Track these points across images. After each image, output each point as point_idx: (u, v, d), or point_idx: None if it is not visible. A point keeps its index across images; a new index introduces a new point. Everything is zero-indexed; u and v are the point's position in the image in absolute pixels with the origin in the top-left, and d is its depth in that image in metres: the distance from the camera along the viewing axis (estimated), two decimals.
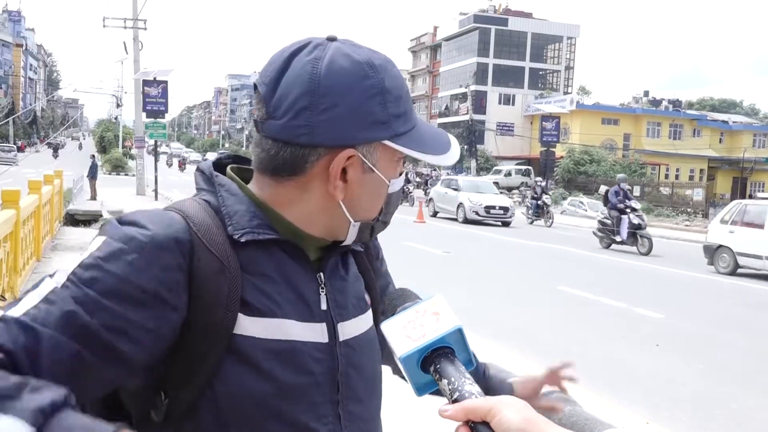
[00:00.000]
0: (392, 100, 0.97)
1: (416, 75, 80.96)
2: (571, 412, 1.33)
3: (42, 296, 0.83)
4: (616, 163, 46.34)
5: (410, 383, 0.84)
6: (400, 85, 1.00)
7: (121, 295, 0.85)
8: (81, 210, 17.10)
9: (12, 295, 7.11)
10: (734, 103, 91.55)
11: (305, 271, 1.02)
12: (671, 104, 66.44)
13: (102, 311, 0.83)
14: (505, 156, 58.65)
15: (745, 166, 53.32)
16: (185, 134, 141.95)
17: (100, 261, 0.86)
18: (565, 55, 69.18)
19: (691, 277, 12.99)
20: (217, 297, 0.92)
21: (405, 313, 0.86)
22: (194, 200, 1.00)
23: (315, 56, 0.95)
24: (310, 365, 0.98)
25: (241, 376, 0.93)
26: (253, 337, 0.94)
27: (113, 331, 0.84)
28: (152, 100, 26.34)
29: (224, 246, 0.94)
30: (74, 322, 0.82)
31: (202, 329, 0.91)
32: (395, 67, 1.02)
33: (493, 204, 22.67)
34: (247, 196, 1.01)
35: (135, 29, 28.25)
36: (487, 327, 7.61)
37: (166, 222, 0.92)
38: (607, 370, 6.42)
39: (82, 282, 0.84)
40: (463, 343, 0.85)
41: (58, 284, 0.84)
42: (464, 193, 23.35)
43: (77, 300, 0.83)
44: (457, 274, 11.76)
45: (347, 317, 1.05)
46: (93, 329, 0.82)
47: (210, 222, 0.96)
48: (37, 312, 0.81)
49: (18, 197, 7.67)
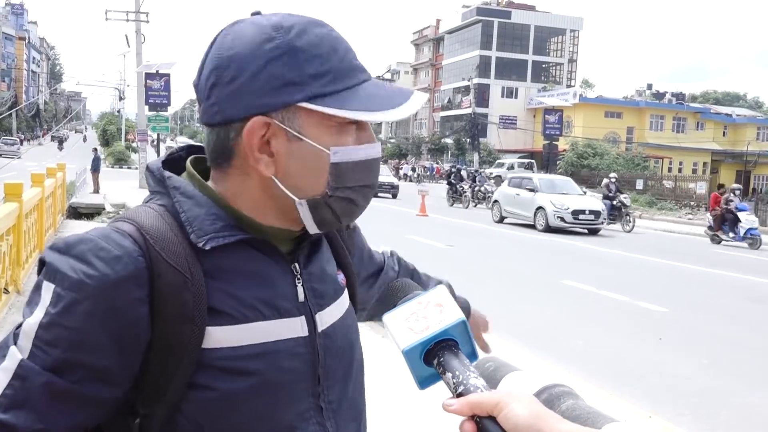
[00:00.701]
0: (307, 59, 0.89)
1: (419, 68, 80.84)
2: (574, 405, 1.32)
3: (11, 373, 0.82)
4: (620, 157, 46.23)
5: (413, 376, 0.82)
6: (320, 44, 0.91)
7: (89, 348, 0.83)
8: (84, 203, 17.17)
9: (15, 288, 7.13)
10: (738, 96, 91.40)
11: (278, 265, 0.97)
12: (674, 97, 66.27)
13: (74, 369, 0.83)
14: (508, 149, 58.59)
15: (749, 159, 53.15)
16: (188, 127, 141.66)
17: (56, 318, 0.82)
18: (568, 48, 69.05)
19: (695, 271, 12.97)
20: (182, 311, 0.87)
21: (407, 305, 0.84)
22: (149, 207, 0.94)
23: (224, 32, 0.93)
24: (289, 363, 0.94)
25: (221, 386, 0.89)
26: (226, 348, 0.89)
27: (90, 383, 0.84)
28: (155, 93, 26.36)
29: (185, 256, 0.89)
30: (51, 390, 0.82)
31: (166, 347, 0.87)
32: (322, 28, 0.93)
33: (581, 207, 18.81)
34: (207, 196, 0.95)
35: (137, 22, 28.19)
36: (491, 320, 7.61)
37: (114, 253, 0.85)
38: (610, 363, 6.41)
39: (47, 344, 0.82)
40: (467, 336, 0.83)
41: (24, 356, 0.82)
42: (543, 194, 19.46)
43: (46, 366, 0.82)
44: (460, 267, 11.74)
45: (325, 305, 1.02)
46: (71, 390, 0.83)
47: (168, 231, 0.90)
48: (13, 393, 0.81)
49: (21, 190, 7.68)
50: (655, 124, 58.09)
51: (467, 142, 57.16)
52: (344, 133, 0.92)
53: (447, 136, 64.47)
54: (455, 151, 62.40)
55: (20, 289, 7.31)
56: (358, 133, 0.94)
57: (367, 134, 0.95)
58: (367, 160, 0.94)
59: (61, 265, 0.84)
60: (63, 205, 14.62)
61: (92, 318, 0.83)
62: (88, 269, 0.83)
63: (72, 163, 22.35)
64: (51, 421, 0.82)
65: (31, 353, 0.82)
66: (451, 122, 67.65)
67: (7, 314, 6.41)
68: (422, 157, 66.01)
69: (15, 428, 0.80)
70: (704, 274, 12.66)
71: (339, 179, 0.92)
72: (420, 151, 67.39)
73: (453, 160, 62.55)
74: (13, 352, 0.83)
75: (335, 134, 0.92)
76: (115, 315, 0.84)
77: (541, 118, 45.02)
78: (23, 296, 7.17)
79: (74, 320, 0.82)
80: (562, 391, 1.31)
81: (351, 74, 0.92)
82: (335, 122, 0.91)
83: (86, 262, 0.84)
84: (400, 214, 21.56)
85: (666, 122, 58.46)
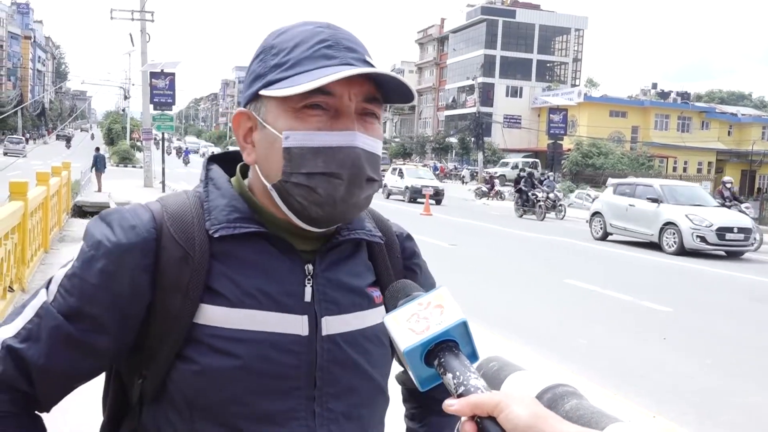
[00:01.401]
0: (274, 53, 0.97)
1: (423, 67, 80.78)
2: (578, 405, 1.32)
3: (35, 311, 0.96)
4: (624, 156, 46.14)
5: (413, 377, 0.82)
6: (292, 39, 0.97)
7: (97, 301, 0.95)
8: (89, 201, 17.19)
9: (20, 286, 7.15)
10: (743, 95, 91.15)
11: (290, 262, 0.99)
12: (680, 96, 66.14)
13: (83, 319, 0.95)
14: (512, 148, 58.52)
15: (754, 158, 53.01)
16: (192, 126, 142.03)
17: (78, 270, 0.96)
18: (572, 47, 68.94)
19: (699, 271, 12.94)
20: (177, 282, 0.95)
21: (408, 306, 0.84)
22: (185, 192, 1.05)
23: None
24: (279, 356, 0.96)
25: (204, 361, 0.94)
26: (216, 326, 0.95)
27: (93, 333, 0.95)
28: (159, 92, 26.34)
29: (194, 236, 0.97)
30: (59, 334, 0.94)
31: (160, 313, 0.96)
32: (306, 26, 0.98)
33: (728, 224, 14.58)
34: (237, 189, 1.03)
35: (142, 21, 28.25)
36: (494, 320, 7.60)
37: (131, 222, 0.97)
38: (613, 363, 6.41)
39: (66, 292, 0.96)
40: (468, 337, 0.83)
41: (49, 299, 0.96)
42: (673, 207, 15.11)
43: (62, 311, 0.95)
44: (464, 266, 11.74)
45: (337, 312, 1.01)
46: (76, 337, 0.95)
47: (187, 214, 0.99)
48: (31, 327, 0.95)
49: (26, 189, 7.70)
50: (660, 124, 57.95)
51: (471, 142, 57.11)
52: (303, 118, 0.93)
53: (451, 136, 64.42)
54: (460, 150, 62.37)
55: (25, 287, 7.33)
56: (332, 120, 0.94)
57: (341, 122, 0.94)
58: (327, 147, 0.93)
59: (93, 228, 0.98)
60: (68, 204, 14.65)
61: (103, 275, 0.94)
62: (109, 233, 0.96)
63: (77, 162, 22.39)
64: (53, 360, 0.94)
65: (54, 297, 0.96)
66: (455, 121, 67.60)
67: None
68: (426, 156, 65.97)
69: (24, 359, 0.94)
70: (709, 274, 12.63)
71: (292, 164, 0.94)
72: (424, 150, 67.34)
73: (457, 159, 62.56)
74: (41, 294, 0.98)
75: (292, 119, 0.94)
76: (122, 276, 0.95)
77: (546, 117, 44.98)
78: (28, 294, 7.18)
79: (90, 274, 0.95)
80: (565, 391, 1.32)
81: (313, 62, 0.94)
82: (289, 107, 0.94)
83: (110, 227, 0.97)
84: (402, 212, 21.50)
85: (671, 122, 58.32)
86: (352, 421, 1.01)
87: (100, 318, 0.95)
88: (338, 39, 0.97)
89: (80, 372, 0.98)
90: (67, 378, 0.98)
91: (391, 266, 1.11)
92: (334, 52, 0.95)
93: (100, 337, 0.95)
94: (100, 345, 0.96)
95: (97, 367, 1.00)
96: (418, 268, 1.17)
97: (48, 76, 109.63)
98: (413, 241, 1.19)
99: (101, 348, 0.96)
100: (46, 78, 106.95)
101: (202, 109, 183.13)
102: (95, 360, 0.98)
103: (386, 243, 1.12)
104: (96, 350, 0.96)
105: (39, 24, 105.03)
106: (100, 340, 0.95)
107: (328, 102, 0.93)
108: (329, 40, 0.96)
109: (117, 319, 0.95)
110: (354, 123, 0.95)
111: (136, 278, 0.95)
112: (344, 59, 0.95)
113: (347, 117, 0.94)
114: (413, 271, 1.16)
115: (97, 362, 0.98)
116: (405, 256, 1.15)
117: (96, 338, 0.95)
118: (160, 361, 0.96)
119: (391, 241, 1.13)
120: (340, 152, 0.94)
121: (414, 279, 1.11)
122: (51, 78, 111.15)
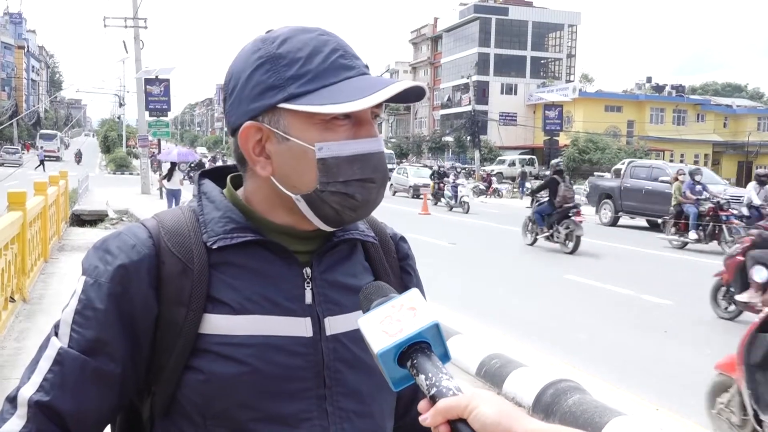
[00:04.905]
0: (287, 63, 0.96)
1: (417, 67, 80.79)
2: (581, 400, 1.34)
3: (52, 360, 0.94)
4: (621, 150, 46.15)
5: (386, 377, 0.83)
6: (302, 48, 0.97)
7: (113, 326, 0.95)
8: (87, 210, 17.19)
9: (21, 297, 7.14)
10: (738, 87, 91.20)
11: (288, 266, 1.01)
12: (674, 89, 66.08)
13: (104, 348, 0.95)
14: (509, 146, 58.53)
15: (750, 150, 53.08)
16: (188, 132, 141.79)
17: (85, 302, 0.96)
18: (566, 43, 68.94)
19: (699, 263, 12.95)
20: (179, 295, 0.97)
21: (381, 308, 0.85)
22: (180, 208, 1.06)
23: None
24: (286, 359, 0.97)
25: (213, 369, 0.95)
26: (221, 334, 0.96)
27: (115, 360, 0.95)
28: (155, 99, 26.39)
29: (192, 249, 0.99)
30: (85, 372, 0.94)
31: (165, 326, 0.97)
32: (309, 33, 0.99)
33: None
34: (230, 200, 1.04)
35: (135, 28, 28.22)
36: (495, 317, 7.62)
37: (130, 242, 0.98)
38: (615, 357, 6.42)
39: (81, 327, 0.95)
40: (440, 338, 0.85)
41: (64, 343, 0.95)
42: None
43: (81, 349, 0.94)
44: (464, 264, 11.76)
45: (339, 312, 1.03)
46: (100, 369, 0.95)
47: (183, 228, 1.01)
48: (53, 377, 0.94)
49: (24, 199, 7.69)
50: (656, 117, 57.97)
51: (468, 140, 57.09)
52: (333, 129, 0.96)
53: (447, 134, 64.39)
54: (456, 149, 62.34)
55: (26, 297, 7.32)
56: (355, 128, 0.97)
57: (365, 129, 0.97)
58: (359, 154, 0.97)
59: (91, 258, 0.99)
60: (66, 213, 14.64)
61: (112, 298, 0.95)
62: (110, 257, 0.97)
63: (74, 171, 22.32)
64: (85, 402, 0.94)
65: (70, 338, 0.95)
66: (451, 120, 67.56)
67: (14, 323, 6.42)
68: (423, 156, 65.95)
69: (55, 410, 0.92)
70: (708, 266, 12.62)
71: (328, 174, 0.96)
72: (421, 150, 67.30)
73: (454, 158, 62.53)
74: (54, 342, 0.96)
75: (322, 131, 0.95)
76: (130, 295, 0.96)
77: (541, 113, 44.96)
78: (29, 304, 7.19)
79: (99, 302, 0.95)
80: (568, 386, 1.33)
81: (334, 73, 0.96)
82: (319, 119, 0.95)
83: (108, 252, 0.98)
84: (401, 213, 21.51)
85: (666, 115, 58.33)
86: (364, 418, 1.03)
87: (118, 341, 0.95)
88: (344, 47, 1.00)
89: (110, 406, 0.98)
90: (100, 414, 0.97)
91: (388, 266, 1.14)
92: (349, 61, 0.98)
93: (123, 362, 0.96)
94: (124, 370, 0.96)
95: (126, 394, 0.99)
96: (412, 270, 1.20)
97: (42, 86, 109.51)
98: (407, 243, 1.21)
99: (127, 373, 0.97)
100: (40, 87, 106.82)
101: (197, 114, 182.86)
102: (122, 387, 0.97)
103: (381, 244, 1.14)
104: (122, 377, 0.96)
105: (32, 33, 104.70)
106: (124, 365, 0.96)
107: (352, 111, 0.96)
108: (340, 50, 0.98)
109: (132, 338, 0.96)
110: (374, 128, 0.99)
111: (143, 295, 0.96)
112: (360, 69, 0.99)
113: (369, 124, 0.98)
114: (408, 272, 1.18)
115: (124, 389, 0.98)
116: (400, 257, 1.18)
117: (118, 365, 0.96)
118: (168, 375, 0.97)
119: (386, 242, 1.15)
120: (372, 158, 0.98)
121: (408, 280, 1.17)
122: (46, 87, 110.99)
